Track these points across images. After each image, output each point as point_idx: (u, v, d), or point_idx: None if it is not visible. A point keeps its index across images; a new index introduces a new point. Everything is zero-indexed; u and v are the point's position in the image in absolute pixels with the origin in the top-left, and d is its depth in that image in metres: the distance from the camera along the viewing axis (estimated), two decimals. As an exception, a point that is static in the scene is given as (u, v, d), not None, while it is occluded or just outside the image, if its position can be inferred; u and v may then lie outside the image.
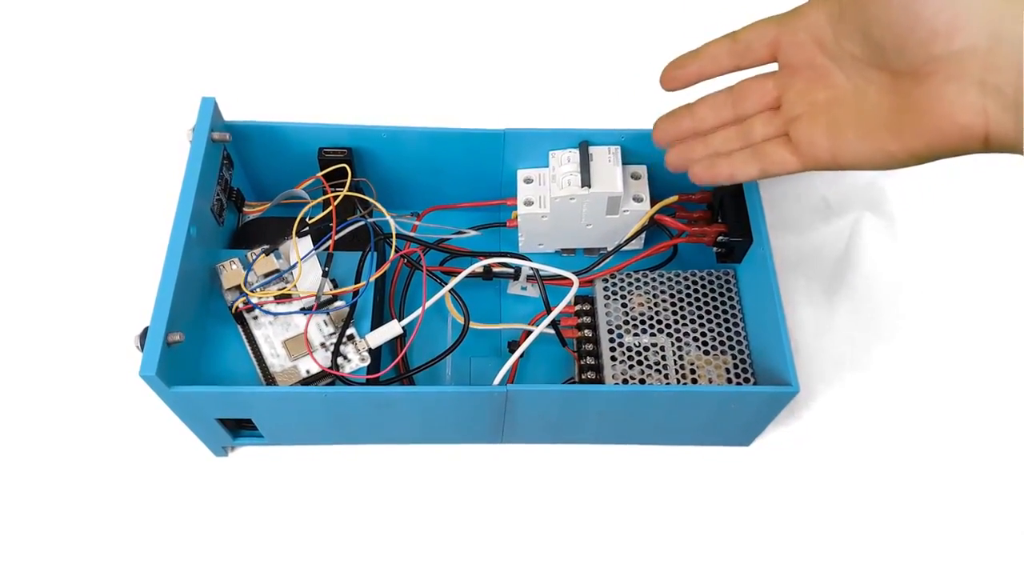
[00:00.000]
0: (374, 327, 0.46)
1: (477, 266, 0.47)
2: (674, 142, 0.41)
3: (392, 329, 0.45)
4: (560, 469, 0.49)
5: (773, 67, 0.37)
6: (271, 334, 0.45)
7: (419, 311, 0.44)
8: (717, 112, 0.38)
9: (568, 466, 0.49)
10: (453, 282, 0.46)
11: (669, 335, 0.47)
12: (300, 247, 0.46)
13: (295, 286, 0.46)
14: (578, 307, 0.49)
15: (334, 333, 0.45)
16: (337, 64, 0.65)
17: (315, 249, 0.46)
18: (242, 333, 0.45)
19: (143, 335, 0.39)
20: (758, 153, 0.37)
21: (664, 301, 0.49)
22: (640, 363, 0.46)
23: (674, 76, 0.38)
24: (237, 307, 0.45)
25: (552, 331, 0.48)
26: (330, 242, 0.46)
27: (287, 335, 0.45)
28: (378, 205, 0.49)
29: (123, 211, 0.57)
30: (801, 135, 0.35)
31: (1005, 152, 0.28)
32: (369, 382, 0.45)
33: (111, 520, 0.47)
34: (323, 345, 0.45)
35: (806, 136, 0.35)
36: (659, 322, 0.48)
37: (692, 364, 0.47)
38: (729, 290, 0.49)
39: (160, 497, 0.47)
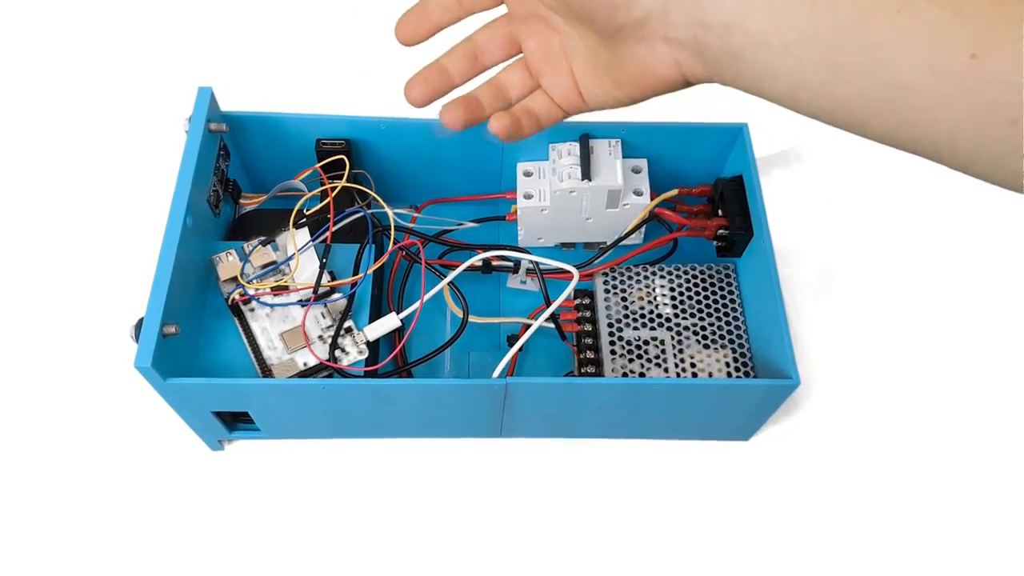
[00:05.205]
0: (372, 320, 0.46)
1: (476, 259, 0.47)
2: (432, 100, 0.39)
3: (390, 322, 0.45)
4: (559, 464, 0.48)
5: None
6: (268, 326, 0.45)
7: (417, 304, 0.44)
8: (465, 65, 0.39)
9: (567, 461, 0.49)
10: (452, 275, 0.46)
11: (669, 329, 0.47)
12: (297, 238, 0.46)
13: (292, 278, 0.45)
14: (577, 301, 0.49)
15: (332, 325, 0.45)
16: (335, 54, 0.64)
17: (312, 240, 0.46)
18: (238, 325, 0.45)
19: (138, 326, 0.39)
20: (529, 110, 0.38)
21: (664, 295, 0.48)
22: (640, 357, 0.46)
23: (407, 29, 0.38)
24: (233, 299, 0.45)
25: (552, 325, 0.48)
26: (328, 233, 0.46)
27: (284, 327, 0.45)
28: (376, 197, 0.48)
29: (119, 201, 0.56)
30: (553, 88, 0.37)
31: (703, 83, 0.32)
32: (367, 375, 0.44)
33: (105, 513, 0.46)
34: (321, 338, 0.45)
35: (558, 88, 0.37)
36: (659, 316, 0.48)
37: (692, 358, 0.46)
38: (729, 284, 0.49)
39: (154, 491, 0.47)
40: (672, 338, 0.47)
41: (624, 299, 0.48)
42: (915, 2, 0.26)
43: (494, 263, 0.50)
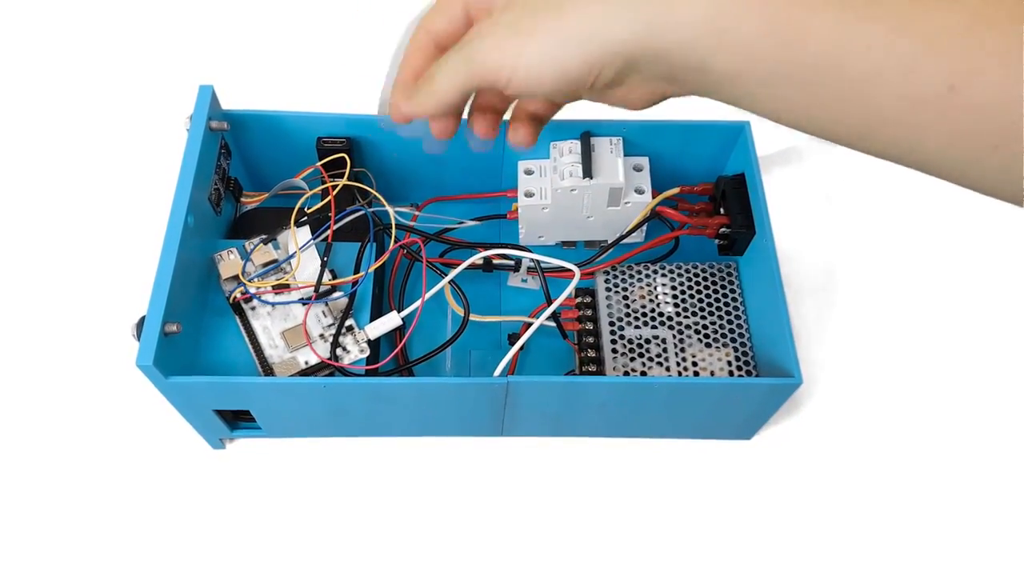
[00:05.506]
0: (373, 319, 0.46)
1: (477, 257, 0.47)
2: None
3: (391, 320, 0.45)
4: (560, 463, 0.48)
5: None
6: (269, 325, 0.45)
7: (418, 302, 0.44)
8: None
9: (568, 460, 0.48)
10: (453, 273, 0.46)
11: (671, 327, 0.47)
12: (299, 237, 0.46)
13: (293, 276, 0.45)
14: (579, 299, 0.49)
15: (333, 324, 0.45)
16: (336, 53, 0.64)
17: (314, 239, 0.46)
18: (240, 324, 0.45)
19: (139, 324, 0.39)
20: (526, 111, 0.40)
21: (666, 294, 0.48)
22: (641, 355, 0.46)
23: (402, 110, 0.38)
24: (235, 297, 0.45)
25: (553, 324, 0.47)
26: (329, 232, 0.46)
27: (285, 326, 0.45)
28: (377, 195, 0.48)
29: (120, 200, 0.56)
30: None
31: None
32: (368, 373, 0.44)
33: (106, 511, 0.46)
34: (322, 336, 0.45)
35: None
36: (660, 314, 0.48)
37: (694, 357, 0.46)
38: (731, 282, 0.49)
39: (157, 489, 0.47)
40: (674, 337, 0.47)
41: (625, 297, 0.48)
42: (886, 38, 0.26)
43: (495, 261, 0.50)
